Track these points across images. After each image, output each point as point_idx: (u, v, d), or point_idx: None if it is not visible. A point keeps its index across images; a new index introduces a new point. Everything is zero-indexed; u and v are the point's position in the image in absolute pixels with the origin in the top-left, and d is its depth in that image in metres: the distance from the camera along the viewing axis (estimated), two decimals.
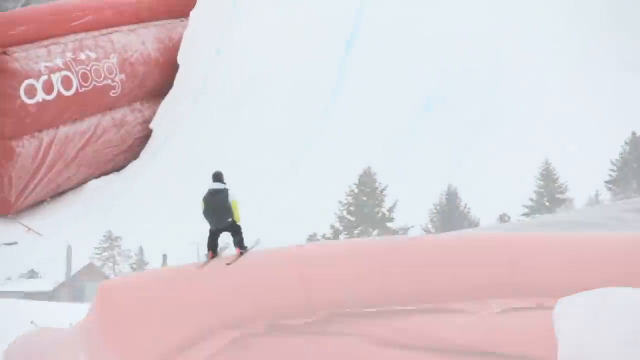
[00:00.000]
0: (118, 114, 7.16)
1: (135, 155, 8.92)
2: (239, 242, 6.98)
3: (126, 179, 13.80)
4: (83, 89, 7.55)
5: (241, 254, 6.86)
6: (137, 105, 7.23)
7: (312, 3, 19.23)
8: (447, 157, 24.97)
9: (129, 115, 7.19)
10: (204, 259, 7.06)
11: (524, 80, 25.53)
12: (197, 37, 8.54)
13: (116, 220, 22.21)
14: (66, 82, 6.76)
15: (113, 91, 7.20)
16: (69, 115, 6.77)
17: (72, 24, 6.68)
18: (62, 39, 6.52)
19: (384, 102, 21.87)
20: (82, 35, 6.54)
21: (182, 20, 7.85)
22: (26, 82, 6.34)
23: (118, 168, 9.46)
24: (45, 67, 6.41)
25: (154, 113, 7.39)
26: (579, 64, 27.22)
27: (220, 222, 6.59)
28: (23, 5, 7.70)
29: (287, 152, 17.77)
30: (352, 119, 21.90)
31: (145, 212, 21.14)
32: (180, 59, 7.57)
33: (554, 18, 27.61)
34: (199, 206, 6.94)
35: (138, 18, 7.27)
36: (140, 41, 6.95)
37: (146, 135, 8.60)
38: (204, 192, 6.56)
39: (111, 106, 7.19)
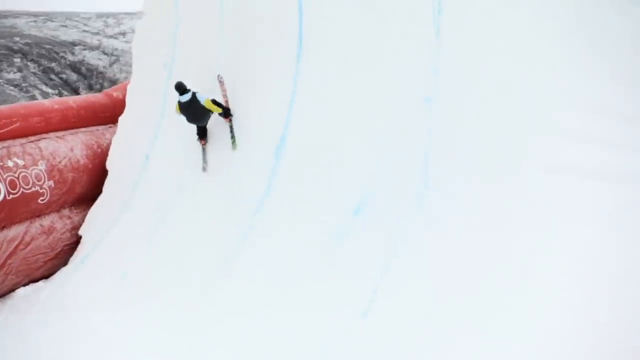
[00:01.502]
0: (46, 220, 7.01)
1: (64, 262, 8.80)
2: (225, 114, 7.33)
3: (55, 285, 13.58)
4: (11, 196, 7.35)
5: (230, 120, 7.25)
6: (66, 211, 7.13)
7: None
8: None
9: (57, 222, 7.07)
10: None
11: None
12: (126, 143, 8.47)
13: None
14: None
15: (41, 198, 7.07)
16: None
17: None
18: None
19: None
20: (9, 142, 6.49)
21: (110, 127, 7.80)
22: None
23: (47, 275, 9.26)
24: None
25: (83, 219, 7.29)
26: None
27: (203, 121, 6.89)
28: None
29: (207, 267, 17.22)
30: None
31: None
32: (108, 165, 7.47)
33: None
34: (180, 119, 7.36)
35: (66, 125, 7.26)
36: (69, 147, 6.89)
37: (75, 242, 8.46)
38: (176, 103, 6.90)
39: (39, 213, 7.04)
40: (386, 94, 5.95)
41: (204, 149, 6.92)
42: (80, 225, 7.00)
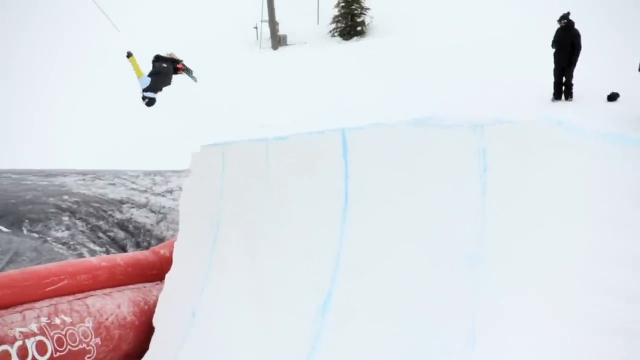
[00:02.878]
0: None
1: None
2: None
3: None
4: (58, 353, 7.27)
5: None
6: None
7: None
8: None
9: None
10: None
11: None
12: (172, 299, 8.39)
13: None
14: (40, 347, 6.54)
15: (88, 355, 6.99)
16: None
17: (47, 289, 6.62)
18: (37, 304, 6.44)
19: None
20: (57, 299, 6.51)
21: (157, 284, 7.81)
22: (0, 348, 6.18)
23: None
24: (20, 332, 6.26)
25: None
26: None
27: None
28: None
29: None
30: None
31: None
32: (155, 322, 7.44)
33: None
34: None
35: (113, 282, 7.26)
36: (116, 304, 6.85)
37: None
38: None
39: None
40: (433, 256, 5.93)
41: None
42: None
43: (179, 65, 13.43)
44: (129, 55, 12.74)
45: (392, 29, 37.05)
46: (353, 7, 38.96)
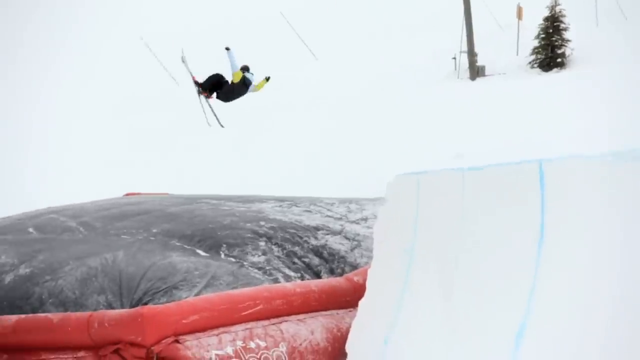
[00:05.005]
0: None
1: None
2: None
3: None
4: None
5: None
6: None
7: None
8: None
9: None
10: None
11: None
12: (365, 326, 8.35)
13: None
14: None
15: None
16: None
17: (243, 314, 6.73)
18: (232, 328, 6.57)
19: None
20: (252, 324, 6.59)
21: (350, 311, 7.83)
22: None
23: None
24: (216, 355, 6.35)
25: None
26: None
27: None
28: (196, 295, 7.93)
29: None
30: None
31: None
32: (348, 348, 7.46)
33: None
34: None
35: (307, 308, 7.31)
36: (309, 330, 6.89)
37: None
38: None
39: None
40: (630, 298, 5.72)
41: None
42: None
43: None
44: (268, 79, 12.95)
45: (593, 61, 36.17)
46: (553, 38, 38.42)
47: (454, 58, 37.75)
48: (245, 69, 20.43)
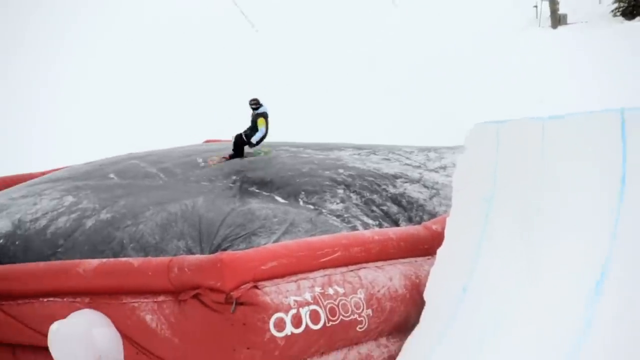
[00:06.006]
0: (364, 348, 7.02)
1: None
2: None
3: None
4: (330, 323, 7.41)
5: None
6: (383, 340, 7.13)
7: None
8: None
9: (374, 350, 7.04)
10: None
11: None
12: (443, 274, 8.31)
13: None
14: (314, 316, 6.71)
15: (360, 326, 7.08)
16: (316, 349, 6.75)
17: (321, 260, 6.79)
18: (311, 274, 6.62)
19: None
20: (330, 270, 6.65)
21: (428, 258, 7.81)
22: (276, 315, 6.36)
23: None
24: (295, 301, 6.44)
25: (399, 348, 7.27)
26: None
27: None
28: (275, 241, 7.93)
29: None
30: None
31: None
32: (426, 296, 7.41)
33: None
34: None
35: (385, 255, 7.32)
36: (388, 277, 6.91)
37: None
38: None
39: (357, 341, 7.08)
40: None
41: None
42: (396, 354, 6.96)
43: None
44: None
45: None
46: None
47: (535, 6, 36.97)
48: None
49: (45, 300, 7.29)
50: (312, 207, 8.68)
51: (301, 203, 8.80)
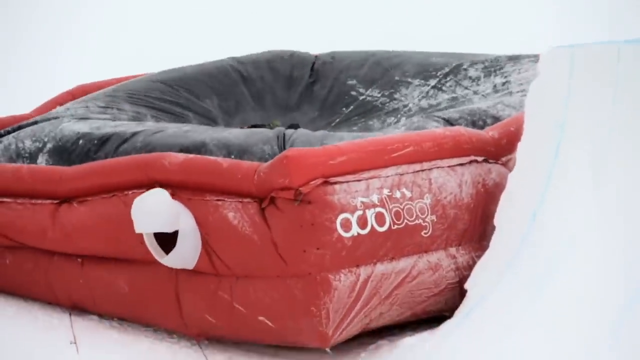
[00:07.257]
0: (434, 257, 7.04)
1: (445, 300, 8.73)
2: None
3: (439, 337, 13.03)
4: (396, 226, 7.44)
5: None
6: (452, 250, 7.16)
7: None
8: None
9: (444, 260, 7.04)
10: None
11: None
12: (514, 200, 8.28)
13: None
14: (379, 219, 6.75)
15: (424, 231, 7.05)
16: (384, 252, 6.80)
17: (392, 155, 6.72)
18: (382, 172, 6.59)
19: None
20: (404, 167, 6.58)
21: (495, 163, 7.77)
22: (342, 215, 6.40)
23: (428, 311, 9.23)
24: (362, 202, 6.47)
25: (466, 261, 7.27)
26: None
27: None
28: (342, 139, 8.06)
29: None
30: None
31: None
32: (496, 222, 7.43)
33: None
34: None
35: (459, 152, 7.21)
36: (457, 183, 6.84)
37: (458, 282, 8.48)
38: None
39: (426, 248, 7.11)
40: None
41: None
42: (463, 267, 7.11)
43: None
44: None
45: None
46: None
47: None
48: None
49: (129, 192, 7.20)
50: None
51: None
